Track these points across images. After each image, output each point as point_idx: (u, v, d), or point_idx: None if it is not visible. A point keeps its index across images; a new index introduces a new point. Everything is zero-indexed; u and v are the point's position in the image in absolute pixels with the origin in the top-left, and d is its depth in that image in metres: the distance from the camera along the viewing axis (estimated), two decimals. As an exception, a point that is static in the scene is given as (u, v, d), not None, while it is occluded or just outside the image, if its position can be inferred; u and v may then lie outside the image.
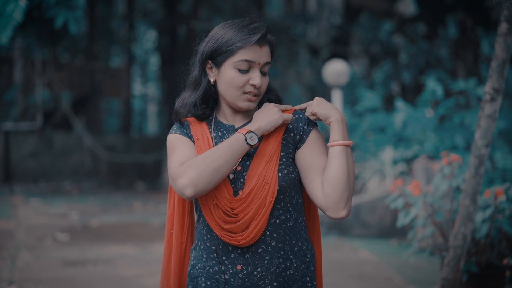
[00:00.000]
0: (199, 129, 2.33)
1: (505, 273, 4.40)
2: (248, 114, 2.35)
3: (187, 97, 2.36)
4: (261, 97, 2.33)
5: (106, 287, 5.80)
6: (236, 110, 2.33)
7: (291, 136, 2.31)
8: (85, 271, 6.34)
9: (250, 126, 2.23)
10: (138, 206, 10.72)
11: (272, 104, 2.29)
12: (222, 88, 2.29)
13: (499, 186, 4.53)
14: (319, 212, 2.39)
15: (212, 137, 2.32)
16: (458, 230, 3.95)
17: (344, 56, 14.03)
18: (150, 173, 14.69)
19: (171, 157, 2.29)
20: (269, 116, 2.25)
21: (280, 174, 2.26)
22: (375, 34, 14.60)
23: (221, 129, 2.33)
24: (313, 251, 2.37)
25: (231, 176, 2.26)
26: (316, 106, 2.27)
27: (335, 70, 8.87)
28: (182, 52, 17.33)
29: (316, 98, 2.31)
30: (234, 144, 2.20)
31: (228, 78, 2.26)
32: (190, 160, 2.21)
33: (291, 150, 2.30)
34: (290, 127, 2.31)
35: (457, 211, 4.15)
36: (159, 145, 14.81)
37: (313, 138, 2.31)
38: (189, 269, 2.36)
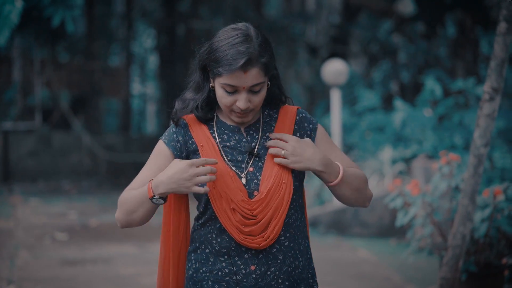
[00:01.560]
0: (201, 133, 2.31)
1: (504, 272, 4.41)
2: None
3: (189, 99, 2.33)
4: (257, 110, 2.28)
5: (105, 287, 5.80)
6: None
7: (298, 137, 2.32)
8: (84, 270, 6.34)
9: (158, 187, 2.19)
10: (137, 206, 10.71)
11: (187, 166, 2.16)
12: (217, 98, 2.28)
13: (498, 186, 4.53)
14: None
15: (217, 142, 2.30)
16: (457, 230, 3.95)
17: (343, 56, 14.02)
18: (149, 172, 14.65)
19: (141, 171, 2.37)
20: (180, 180, 2.16)
21: (293, 174, 2.28)
22: (374, 34, 14.59)
23: (226, 131, 2.31)
24: (310, 248, 2.40)
25: (243, 180, 2.25)
26: (292, 163, 2.24)
27: (334, 69, 8.87)
28: (181, 52, 17.32)
29: (291, 145, 2.25)
30: (145, 204, 2.24)
31: (218, 95, 2.25)
32: (123, 197, 2.30)
33: None
34: (296, 127, 2.33)
35: (456, 211, 4.15)
36: (158, 144, 14.77)
37: (321, 135, 2.35)
38: (190, 273, 2.33)
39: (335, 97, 8.76)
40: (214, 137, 2.31)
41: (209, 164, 2.18)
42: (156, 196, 2.20)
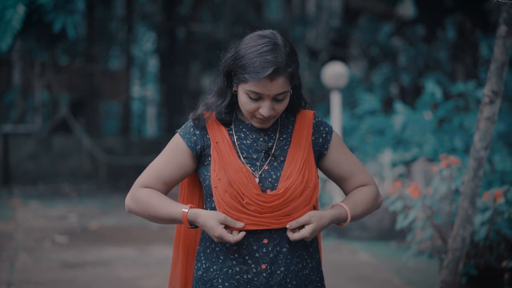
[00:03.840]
0: (218, 131, 2.34)
1: (504, 275, 4.41)
2: None
3: (211, 104, 2.35)
4: (278, 116, 2.31)
5: (105, 290, 5.80)
6: None
7: (313, 140, 2.37)
8: (84, 273, 6.34)
9: (193, 221, 2.26)
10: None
11: (217, 224, 2.24)
12: (239, 102, 2.30)
13: (498, 189, 4.54)
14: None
15: (234, 140, 2.32)
16: (457, 233, 3.95)
17: (343, 59, 14.03)
18: (149, 175, 14.65)
19: (155, 159, 2.38)
20: (210, 229, 2.24)
21: None
22: (374, 37, 14.60)
23: (243, 129, 2.34)
24: (319, 251, 2.42)
25: (257, 179, 2.28)
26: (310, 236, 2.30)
27: (334, 72, 8.86)
28: (181, 55, 17.33)
29: (308, 231, 2.28)
30: (174, 219, 2.29)
31: (241, 100, 2.27)
32: (144, 199, 2.32)
33: (314, 153, 2.36)
34: (313, 131, 2.37)
35: (456, 214, 4.15)
36: (158, 147, 14.72)
37: (335, 140, 2.40)
38: (200, 273, 2.35)
39: (335, 100, 8.76)
40: (231, 135, 2.34)
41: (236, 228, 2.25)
42: (192, 227, 2.29)
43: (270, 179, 2.28)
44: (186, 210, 2.26)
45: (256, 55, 2.20)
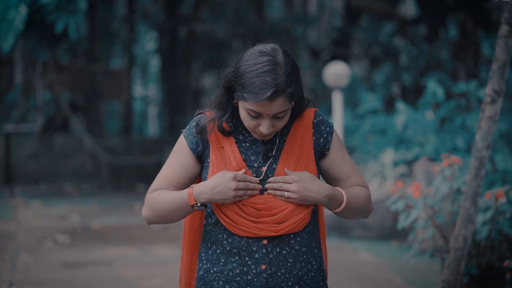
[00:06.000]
0: (218, 135, 2.33)
1: (506, 275, 4.40)
2: None
3: (213, 118, 2.33)
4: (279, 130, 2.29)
5: (107, 289, 5.80)
6: None
7: (314, 140, 2.35)
8: (86, 272, 6.34)
9: (200, 195, 2.24)
10: (139, 208, 10.71)
11: (230, 180, 2.22)
12: (240, 116, 2.29)
13: (500, 188, 4.53)
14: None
15: (234, 141, 2.33)
16: (458, 232, 3.94)
17: (345, 58, 14.02)
18: (150, 175, 14.66)
19: (164, 165, 2.38)
20: (223, 193, 2.22)
21: None
22: (375, 36, 14.60)
23: (243, 131, 2.34)
24: (322, 250, 2.42)
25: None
26: (300, 202, 2.25)
27: (336, 72, 8.86)
28: (183, 54, 17.33)
29: (296, 186, 2.25)
30: (183, 208, 2.27)
31: (242, 116, 2.26)
32: (154, 198, 2.31)
33: (314, 153, 2.35)
34: (313, 130, 2.35)
35: (458, 213, 4.15)
36: (160, 147, 14.81)
37: (335, 141, 2.38)
38: (201, 273, 2.36)
39: (337, 100, 8.76)
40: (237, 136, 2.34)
41: (250, 182, 2.25)
42: (198, 204, 2.25)
43: (266, 179, 2.28)
44: (193, 186, 2.26)
45: (255, 75, 2.17)
